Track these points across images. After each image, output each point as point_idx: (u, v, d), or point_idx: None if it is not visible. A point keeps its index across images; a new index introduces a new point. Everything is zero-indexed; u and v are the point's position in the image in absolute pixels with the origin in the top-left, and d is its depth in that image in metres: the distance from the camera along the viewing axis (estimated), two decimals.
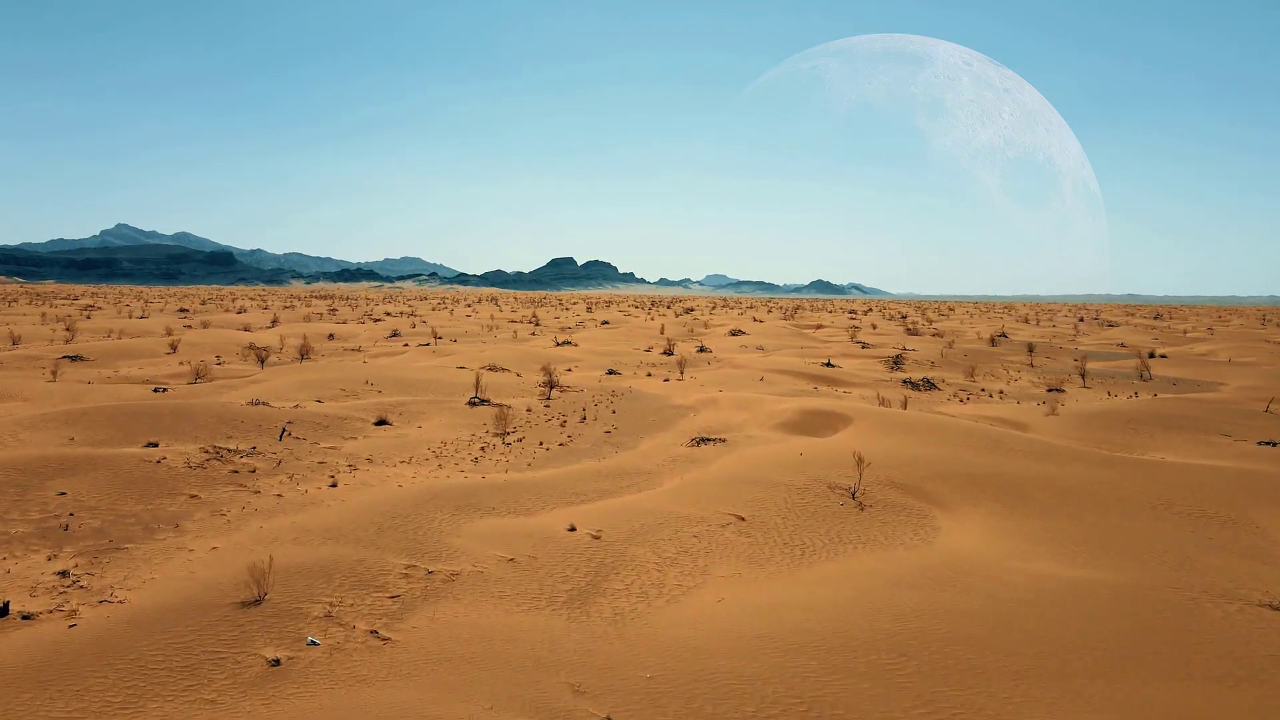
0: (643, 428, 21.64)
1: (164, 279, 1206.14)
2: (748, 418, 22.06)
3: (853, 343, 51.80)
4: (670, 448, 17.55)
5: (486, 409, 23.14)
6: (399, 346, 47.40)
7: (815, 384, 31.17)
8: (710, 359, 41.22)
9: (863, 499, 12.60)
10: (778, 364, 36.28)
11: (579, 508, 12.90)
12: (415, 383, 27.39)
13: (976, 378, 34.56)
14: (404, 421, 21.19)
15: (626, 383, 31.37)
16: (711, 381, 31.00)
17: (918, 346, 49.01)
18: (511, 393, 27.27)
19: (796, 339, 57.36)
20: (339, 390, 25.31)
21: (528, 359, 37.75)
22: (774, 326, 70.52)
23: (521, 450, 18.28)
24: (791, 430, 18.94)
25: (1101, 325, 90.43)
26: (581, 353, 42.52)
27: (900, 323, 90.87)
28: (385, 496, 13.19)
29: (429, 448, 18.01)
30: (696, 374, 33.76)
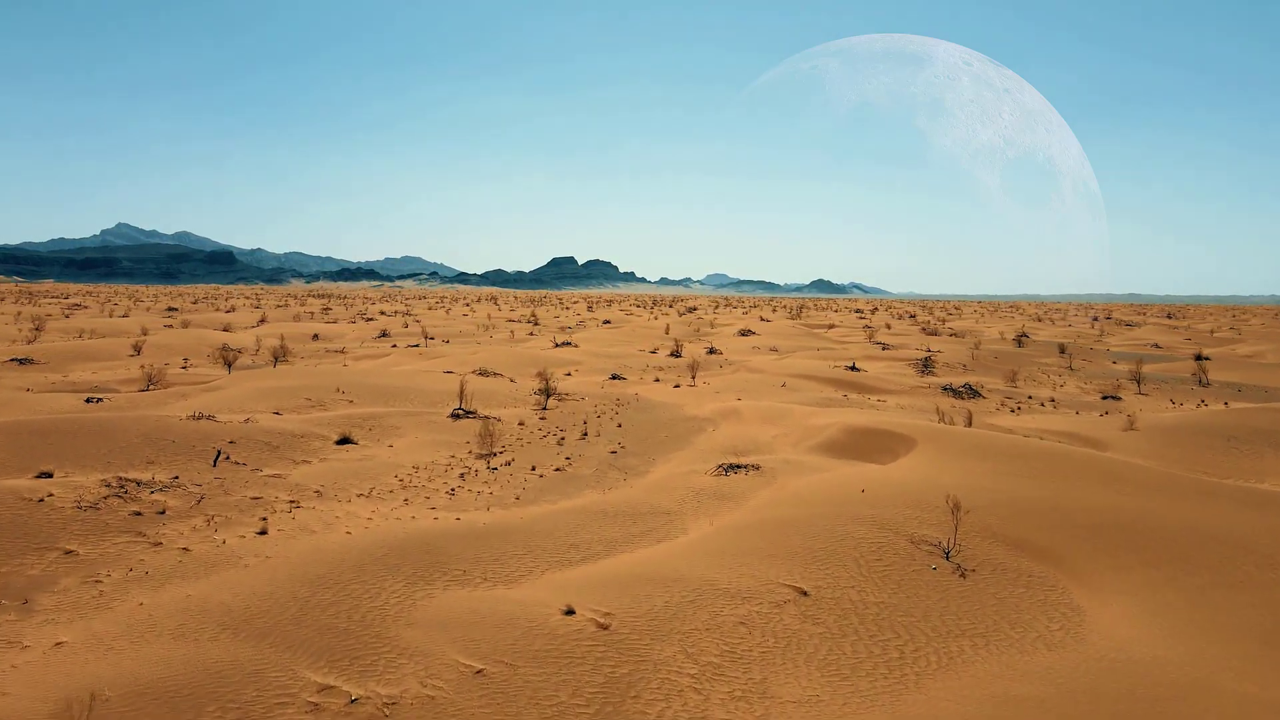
0: (654, 445, 18.42)
1: (164, 278, 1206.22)
2: (779, 434, 18.81)
3: (872, 344, 48.56)
4: (691, 475, 14.30)
5: (472, 422, 19.91)
6: (386, 348, 44.19)
7: (844, 390, 27.91)
8: (722, 362, 37.98)
9: (961, 559, 9.39)
10: (797, 368, 33.04)
11: (579, 569, 9.68)
12: (394, 390, 24.16)
13: (1019, 383, 31.29)
14: (372, 439, 17.96)
15: (632, 389, 28.15)
16: (728, 388, 27.75)
17: (942, 348, 45.75)
18: (503, 402, 24.03)
19: (810, 340, 54.11)
20: (304, 400, 22.08)
21: (523, 362, 34.51)
22: (784, 326, 67.28)
23: (509, 477, 15.05)
24: (838, 453, 15.70)
25: (1117, 325, 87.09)
26: (582, 355, 39.30)
27: (911, 322, 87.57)
28: (324, 551, 9.97)
29: (397, 475, 14.78)
30: (710, 379, 30.52)
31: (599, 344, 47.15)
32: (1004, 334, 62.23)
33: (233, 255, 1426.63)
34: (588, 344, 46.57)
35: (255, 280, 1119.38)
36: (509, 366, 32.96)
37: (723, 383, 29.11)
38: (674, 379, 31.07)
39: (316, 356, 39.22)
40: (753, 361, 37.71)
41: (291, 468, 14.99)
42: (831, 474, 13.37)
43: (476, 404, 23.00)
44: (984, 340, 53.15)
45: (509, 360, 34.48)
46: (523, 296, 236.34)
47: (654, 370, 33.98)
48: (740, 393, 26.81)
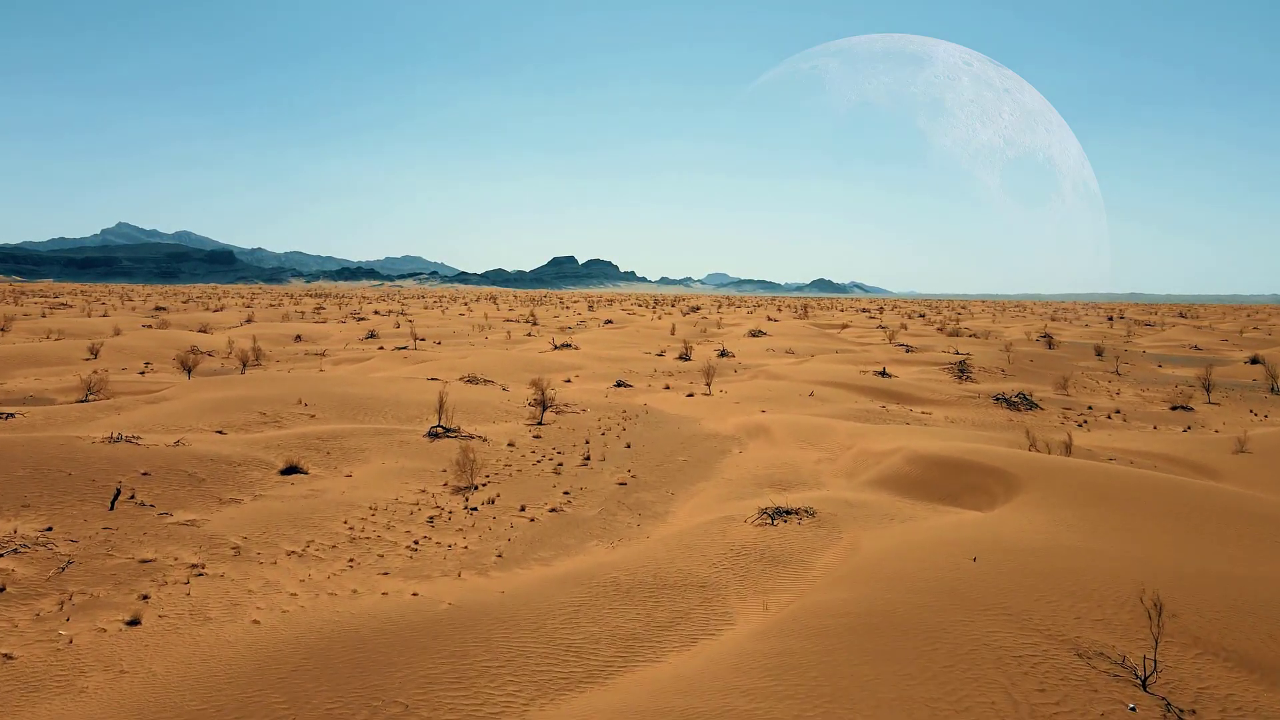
0: (672, 473, 15.17)
1: (163, 278, 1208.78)
2: (821, 458, 15.55)
3: (894, 345, 45.26)
4: (728, 524, 11.01)
5: (452, 443, 16.66)
6: (372, 349, 40.97)
7: (881, 400, 24.64)
8: (737, 366, 34.72)
9: (1169, 692, 6.13)
10: (822, 373, 29.76)
11: (580, 698, 6.43)
12: (367, 402, 20.90)
13: (1070, 390, 28.00)
14: (328, 466, 14.70)
15: (640, 398, 24.91)
16: (749, 397, 24.48)
17: (971, 350, 42.47)
18: (492, 415, 20.78)
19: (826, 341, 50.84)
20: (258, 414, 18.82)
21: (518, 367, 31.26)
22: (794, 326, 64.02)
23: (491, 521, 11.80)
24: (909, 490, 12.42)
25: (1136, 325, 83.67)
26: (583, 358, 36.05)
27: (923, 322, 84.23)
28: (210, 660, 6.76)
29: (347, 520, 11.52)
30: (727, 386, 27.26)
31: (601, 346, 43.91)
32: (1029, 334, 58.92)
33: (233, 255, 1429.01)
34: (589, 346, 43.33)
35: (255, 280, 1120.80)
36: (502, 372, 29.72)
37: (742, 391, 25.84)
38: (686, 386, 27.82)
39: (293, 360, 35.98)
40: (771, 366, 34.42)
41: (213, 510, 11.74)
42: (916, 527, 10.11)
43: (461, 418, 19.75)
44: (1012, 342, 49.84)
45: (502, 365, 31.24)
46: (523, 296, 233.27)
47: (663, 376, 30.71)
48: (764, 403, 23.54)
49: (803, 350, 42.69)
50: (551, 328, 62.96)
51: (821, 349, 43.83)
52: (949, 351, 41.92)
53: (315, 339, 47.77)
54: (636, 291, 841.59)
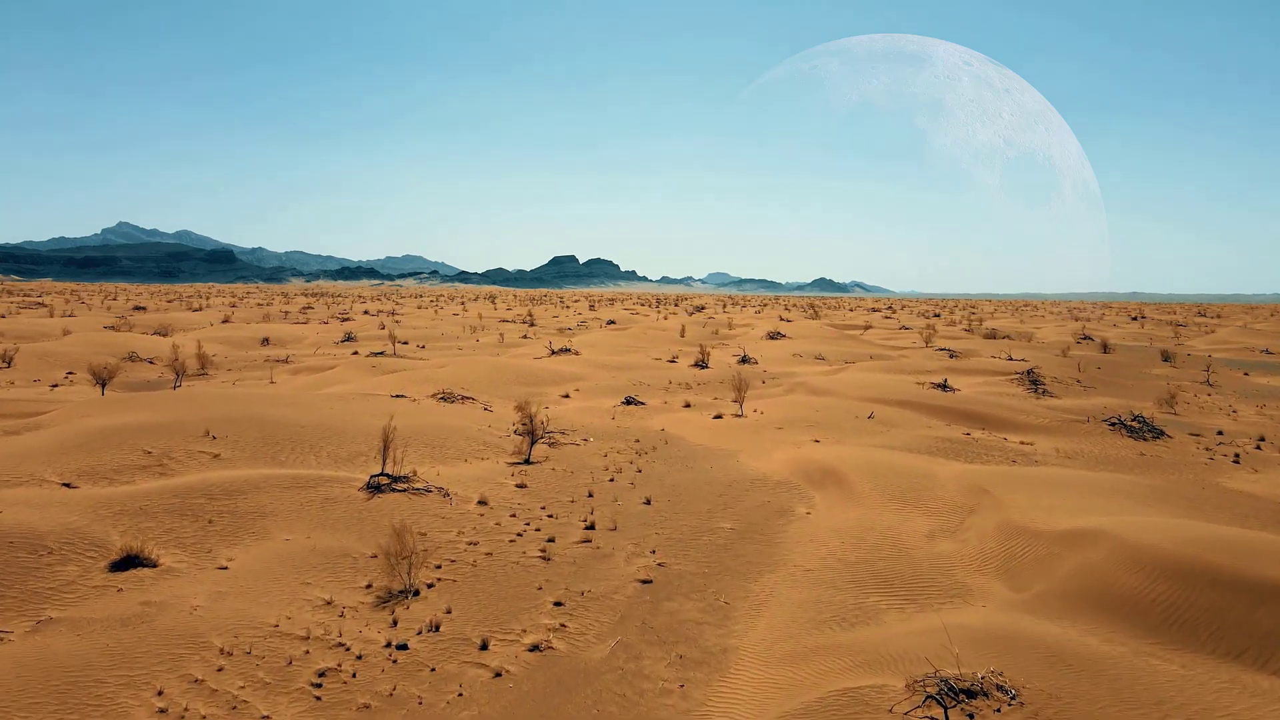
0: (717, 555, 10.20)
1: (163, 277, 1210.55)
2: (935, 529, 10.54)
3: (936, 351, 40.18)
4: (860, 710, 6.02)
5: (399, 500, 11.70)
6: (345, 354, 36.00)
7: (961, 425, 19.60)
8: (764, 375, 29.67)
9: None
10: (871, 386, 24.72)
11: None
12: (300, 432, 15.86)
13: (1178, 409, 22.96)
14: (199, 549, 9.72)
15: (655, 420, 19.93)
16: (793, 419, 19.45)
17: (1024, 355, 37.44)
18: (464, 449, 15.76)
19: (852, 344, 45.78)
20: (141, 454, 13.80)
21: (508, 377, 26.26)
22: (811, 327, 58.95)
23: (427, 686, 6.82)
24: (1159, 632, 7.18)
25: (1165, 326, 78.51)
26: (584, 365, 31.05)
27: (939, 321, 79.09)
28: None
29: (162, 688, 6.52)
30: (760, 402, 22.23)
31: (604, 350, 38.91)
32: (1073, 336, 53.82)
33: (233, 254, 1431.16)
34: (591, 351, 38.33)
35: (255, 279, 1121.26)
36: (487, 384, 24.73)
37: (780, 410, 20.82)
38: (710, 403, 22.83)
39: (248, 368, 31.02)
40: (804, 375, 29.37)
41: None
42: None
43: (422, 456, 14.77)
44: (1067, 346, 44.77)
45: (489, 375, 26.22)
46: (522, 295, 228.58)
47: (679, 389, 25.71)
48: (814, 429, 18.53)
49: (833, 356, 37.64)
50: (550, 329, 58.00)
51: (852, 354, 38.78)
52: (999, 357, 36.91)
53: (285, 342, 42.79)
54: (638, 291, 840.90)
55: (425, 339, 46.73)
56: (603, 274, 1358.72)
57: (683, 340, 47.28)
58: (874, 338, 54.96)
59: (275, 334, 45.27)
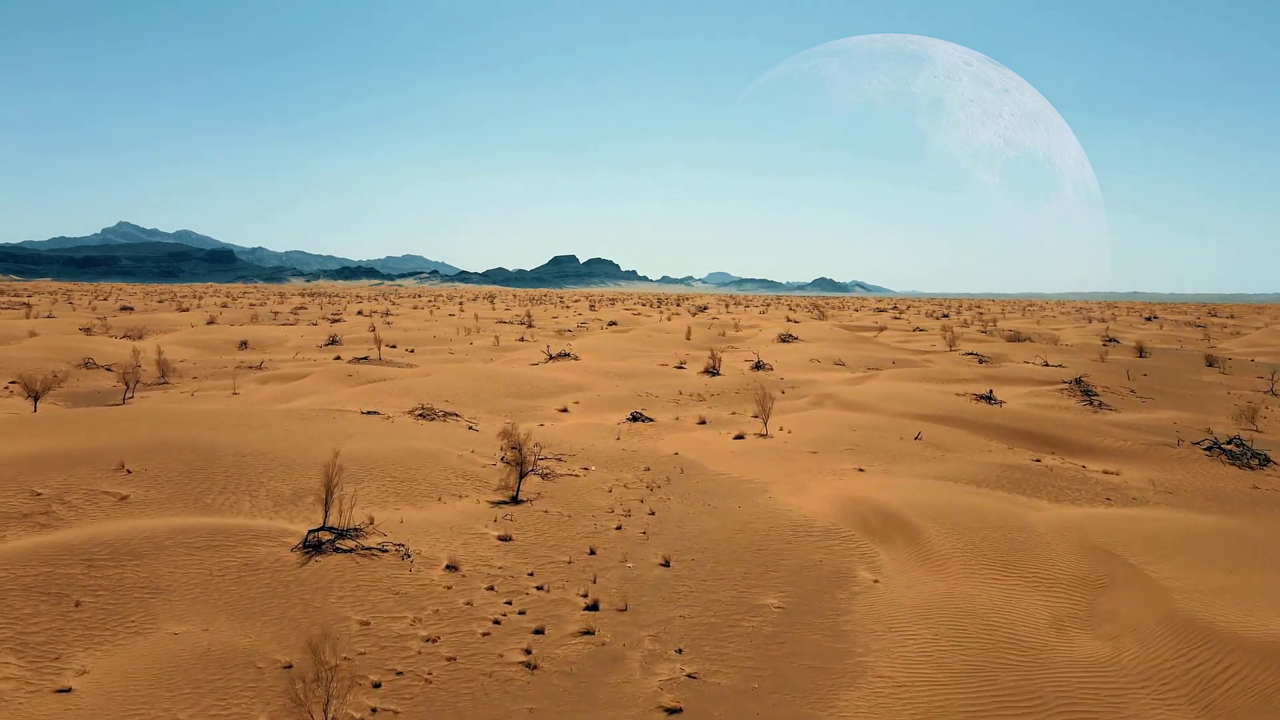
0: (764, 651, 7.43)
1: (163, 277, 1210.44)
2: (1059, 612, 7.80)
3: (963, 356, 37.36)
4: None
5: (341, 563, 8.94)
6: (327, 359, 33.26)
7: (1027, 449, 16.78)
8: (784, 384, 26.87)
9: None
10: (904, 397, 21.93)
11: None
12: (240, 462, 13.07)
13: (1259, 424, 20.15)
14: (41, 653, 6.91)
15: (667, 441, 17.16)
16: (827, 441, 16.66)
17: (1061, 360, 34.67)
18: (438, 483, 12.96)
19: (870, 348, 42.97)
20: (28, 494, 10.99)
21: (499, 388, 23.48)
22: (822, 329, 56.14)
23: None
24: None
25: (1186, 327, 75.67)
26: (585, 372, 28.29)
27: (950, 322, 76.26)
28: None
29: None
30: (784, 417, 19.44)
31: (607, 355, 36.14)
32: (1099, 339, 51.01)
33: (233, 254, 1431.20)
34: (592, 356, 35.57)
35: (255, 279, 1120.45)
36: (475, 397, 21.96)
37: (810, 428, 18.04)
38: (728, 419, 20.06)
39: (214, 375, 28.25)
40: (829, 385, 26.54)
41: None
42: None
43: (385, 493, 11.99)
44: (1098, 352, 41.97)
45: (478, 386, 23.44)
46: (522, 295, 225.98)
47: (692, 401, 22.94)
48: (853, 452, 15.76)
49: (853, 361, 34.84)
50: (548, 331, 55.25)
51: (873, 359, 35.98)
52: (1033, 362, 34.14)
53: (265, 345, 40.03)
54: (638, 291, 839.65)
55: (416, 342, 43.99)
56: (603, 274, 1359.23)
57: (689, 344, 44.53)
58: (890, 340, 52.19)
59: (256, 337, 42.51)
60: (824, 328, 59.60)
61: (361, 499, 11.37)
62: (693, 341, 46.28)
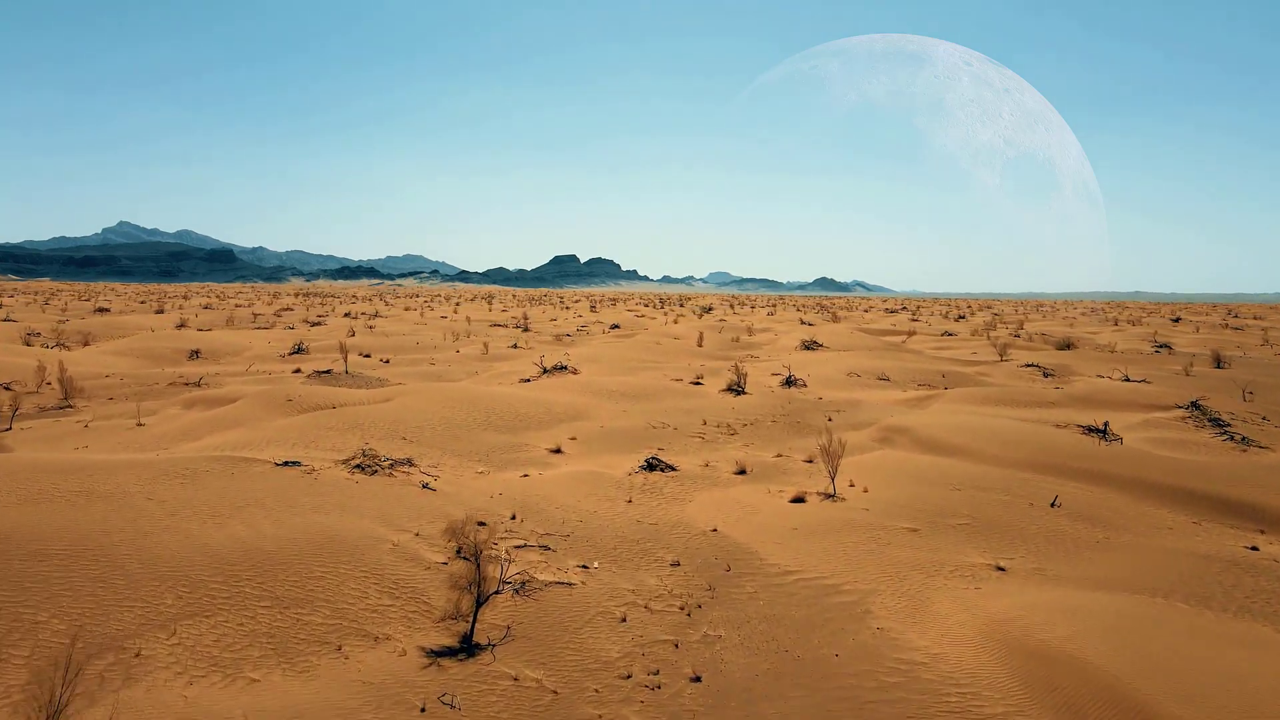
0: None
1: (162, 276, 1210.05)
2: None
3: (1021, 368, 32.42)
4: None
5: None
6: (284, 372, 28.44)
7: (1219, 521, 11.88)
8: (827, 407, 21.93)
9: None
10: (1001, 433, 17.04)
11: None
12: (18, 572, 8.30)
13: None
14: None
15: (699, 506, 12.29)
16: (922, 508, 11.82)
17: (1144, 374, 29.78)
18: (344, 609, 8.04)
19: (909, 358, 38.07)
20: None
21: (475, 418, 18.55)
22: (841, 333, 51.23)
23: None
24: None
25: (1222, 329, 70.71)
26: (585, 392, 23.41)
27: (966, 324, 71.26)
28: None
29: None
30: (852, 466, 14.57)
31: (610, 367, 31.30)
32: (1149, 345, 46.11)
33: (232, 254, 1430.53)
34: (593, 367, 30.73)
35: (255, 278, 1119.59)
36: (442, 431, 17.07)
37: (891, 483, 13.21)
38: (772, 463, 15.21)
39: (143, 394, 23.41)
40: (888, 411, 21.55)
41: None
42: None
43: (241, 638, 7.17)
44: (1190, 362, 37.08)
45: (449, 414, 18.53)
46: (521, 295, 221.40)
47: (721, 435, 18.07)
48: (973, 532, 10.92)
49: (898, 375, 29.92)
50: (545, 335, 50.43)
51: (918, 371, 31.07)
52: (1112, 377, 29.26)
53: (220, 355, 35.22)
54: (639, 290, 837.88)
55: (395, 350, 39.17)
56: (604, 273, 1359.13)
57: (703, 352, 39.69)
58: (922, 347, 47.33)
59: (215, 344, 37.68)
60: (843, 331, 54.73)
61: (187, 657, 6.55)
62: (706, 349, 41.43)
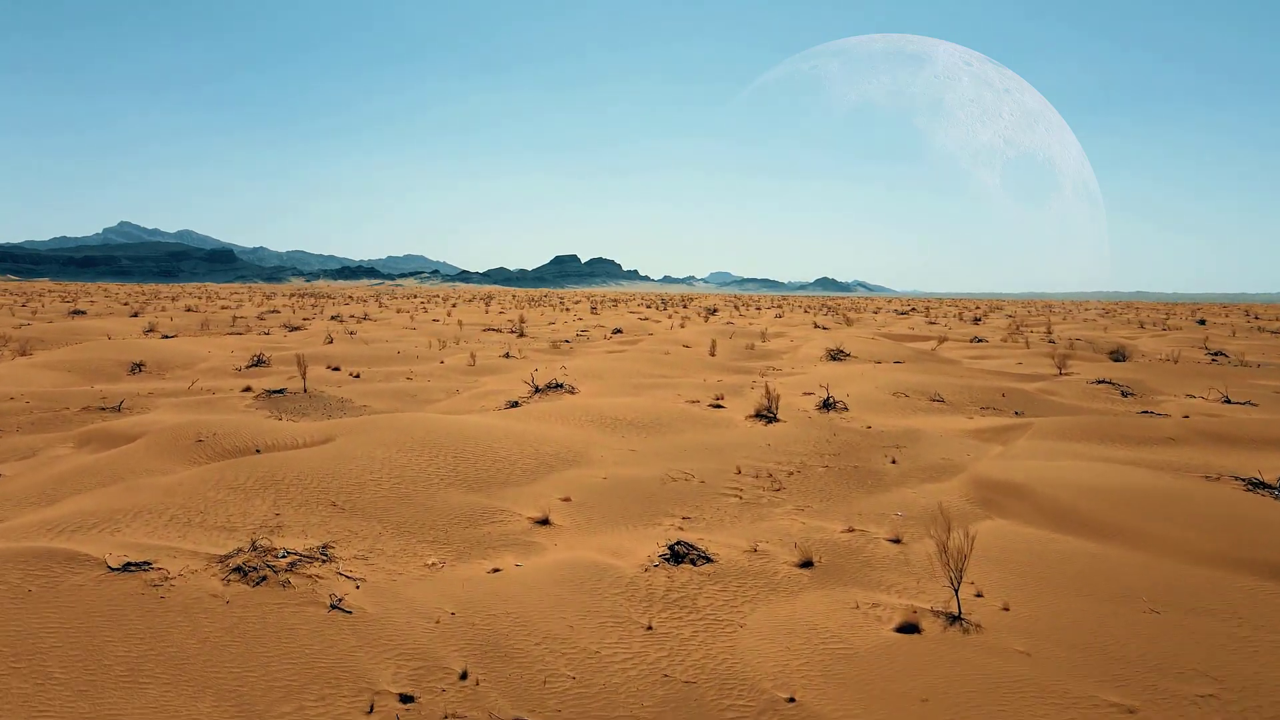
0: None
1: (162, 277, 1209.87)
2: None
3: (1092, 385, 27.97)
4: None
5: None
6: (232, 391, 24.14)
7: None
8: (883, 441, 17.48)
9: None
10: (1163, 499, 12.68)
11: None
12: None
13: None
14: None
15: (756, 639, 7.64)
16: (1110, 659, 7.58)
17: (1238, 392, 25.38)
18: None
19: (955, 372, 33.68)
20: None
21: (439, 469, 14.13)
22: (873, 342, 46.82)
23: None
24: None
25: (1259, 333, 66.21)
26: (584, 422, 19.00)
27: (983, 327, 66.75)
28: None
29: None
30: (981, 571, 10.31)
31: (614, 384, 26.94)
32: (1201, 352, 41.66)
33: (233, 254, 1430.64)
34: (594, 385, 26.38)
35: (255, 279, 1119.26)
36: (390, 491, 12.67)
37: (1042, 594, 8.89)
38: (844, 543, 10.88)
39: (39, 424, 19.09)
40: (963, 449, 17.10)
41: None
42: None
43: None
44: (1230, 374, 32.70)
45: (405, 464, 14.10)
46: (521, 295, 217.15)
47: (761, 488, 13.71)
48: (1221, 694, 6.69)
49: (953, 395, 25.47)
50: (542, 341, 46.09)
51: (976, 392, 26.62)
52: (1206, 398, 24.86)
53: (166, 368, 30.91)
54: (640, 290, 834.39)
55: (373, 360, 34.86)
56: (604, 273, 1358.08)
57: (716, 363, 35.32)
58: (956, 354, 42.96)
59: (167, 355, 33.35)
60: (864, 337, 50.37)
61: None
62: (720, 360, 37.07)
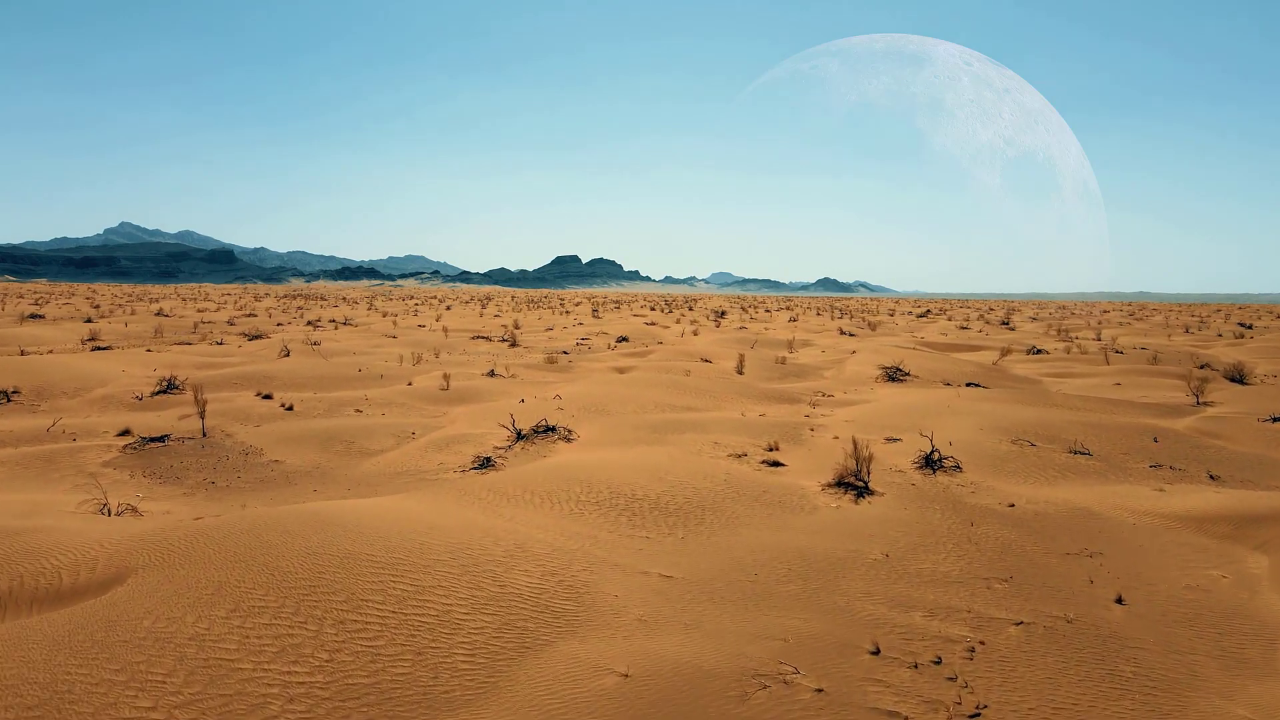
0: None
1: (162, 277, 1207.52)
2: None
3: (1267, 425, 21.27)
4: None
5: None
6: (103, 440, 17.60)
7: None
8: (1049, 535, 10.81)
9: None
10: None
11: None
12: None
13: None
14: None
15: None
16: None
17: None
18: None
19: (1047, 403, 27.05)
20: None
21: (278, 671, 7.47)
22: (922, 355, 40.18)
23: None
24: None
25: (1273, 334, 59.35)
26: (578, 501, 12.30)
27: (1021, 330, 59.90)
28: None
29: None
30: None
31: (623, 423, 20.23)
32: (1269, 363, 34.92)
33: (233, 254, 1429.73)
34: (597, 425, 19.70)
35: (255, 279, 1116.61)
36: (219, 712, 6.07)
37: None
38: None
39: None
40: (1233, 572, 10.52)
41: None
42: None
43: None
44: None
45: (234, 644, 7.46)
46: (520, 296, 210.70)
47: (934, 689, 7.18)
48: None
49: (1090, 442, 18.73)
50: (537, 352, 39.45)
51: (1101, 429, 19.88)
52: None
53: (49, 395, 24.26)
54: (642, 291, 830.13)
55: (325, 381, 28.23)
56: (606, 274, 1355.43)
57: (747, 385, 28.58)
58: (1027, 370, 36.30)
59: (60, 377, 26.66)
60: (906, 347, 43.66)
61: None
62: (751, 379, 30.42)
